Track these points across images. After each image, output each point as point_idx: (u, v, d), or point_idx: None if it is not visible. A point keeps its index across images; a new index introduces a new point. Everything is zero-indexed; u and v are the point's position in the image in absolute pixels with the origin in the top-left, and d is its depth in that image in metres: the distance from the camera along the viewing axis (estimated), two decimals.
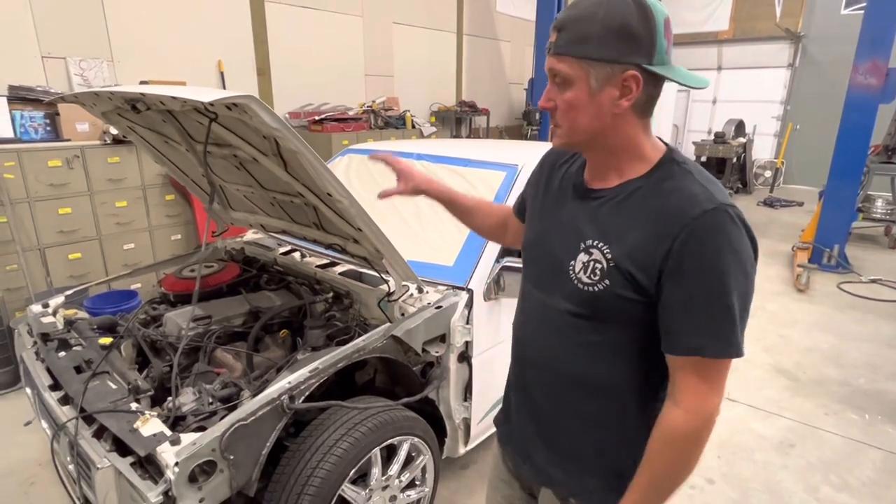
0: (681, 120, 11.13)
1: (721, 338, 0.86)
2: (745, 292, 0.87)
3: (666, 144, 0.98)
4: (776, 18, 9.50)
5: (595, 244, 0.94)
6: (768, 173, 10.01)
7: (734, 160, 8.85)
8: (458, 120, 7.29)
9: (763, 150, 10.37)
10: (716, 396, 0.90)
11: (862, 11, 5.00)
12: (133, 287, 3.44)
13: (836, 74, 8.29)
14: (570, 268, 0.97)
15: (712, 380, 0.89)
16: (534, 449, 1.12)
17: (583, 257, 0.96)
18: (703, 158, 8.81)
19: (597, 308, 0.95)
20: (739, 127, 9.38)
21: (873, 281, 5.15)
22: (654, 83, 0.90)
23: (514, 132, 8.34)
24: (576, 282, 0.96)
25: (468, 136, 7.57)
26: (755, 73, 10.30)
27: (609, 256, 0.92)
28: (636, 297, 0.91)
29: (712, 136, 9.16)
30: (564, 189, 1.06)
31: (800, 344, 3.86)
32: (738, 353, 0.87)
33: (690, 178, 0.91)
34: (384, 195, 1.38)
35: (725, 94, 10.64)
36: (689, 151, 9.15)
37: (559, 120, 0.95)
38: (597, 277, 0.93)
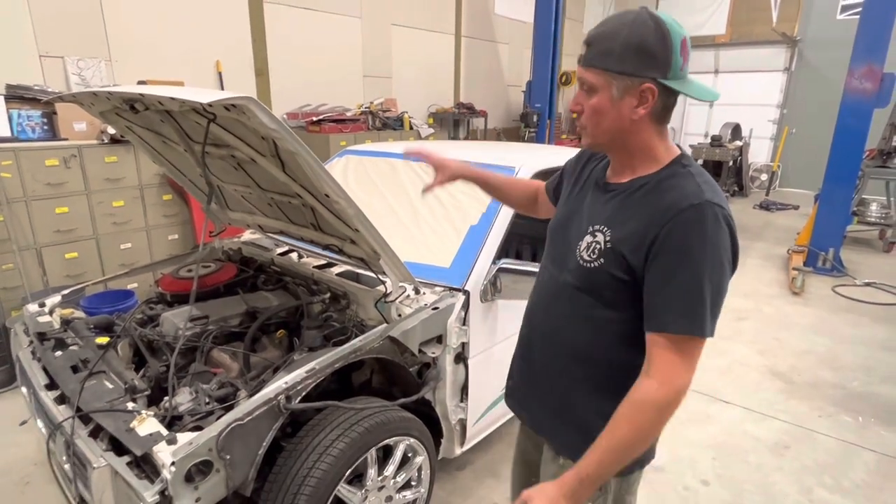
0: (678, 123, 11.18)
1: (688, 316, 0.96)
2: (718, 281, 0.97)
3: (681, 150, 1.11)
4: (772, 23, 9.55)
5: (599, 228, 1.09)
6: (764, 176, 10.06)
7: (730, 163, 8.89)
8: (455, 122, 7.30)
9: (759, 154, 10.42)
10: (686, 373, 0.98)
11: (856, 17, 5.03)
12: (130, 287, 3.44)
13: (832, 79, 8.33)
14: (578, 247, 1.12)
15: (683, 356, 0.98)
16: (530, 401, 1.31)
17: (588, 238, 1.11)
18: (700, 162, 8.81)
19: (592, 283, 1.09)
20: (736, 130, 9.42)
21: (868, 284, 5.18)
22: (669, 95, 1.03)
23: (511, 134, 8.35)
24: (578, 259, 1.11)
25: (466, 138, 7.59)
26: (752, 76, 10.36)
27: (608, 239, 1.06)
28: (625, 276, 1.04)
29: (709, 140, 9.20)
30: (590, 182, 1.22)
31: (795, 347, 3.88)
32: (704, 332, 0.97)
33: (690, 178, 1.03)
34: (427, 190, 1.54)
35: (722, 97, 10.55)
36: None
37: (585, 122, 1.08)
38: (595, 256, 1.08)
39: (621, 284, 1.04)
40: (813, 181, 7.44)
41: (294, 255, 2.54)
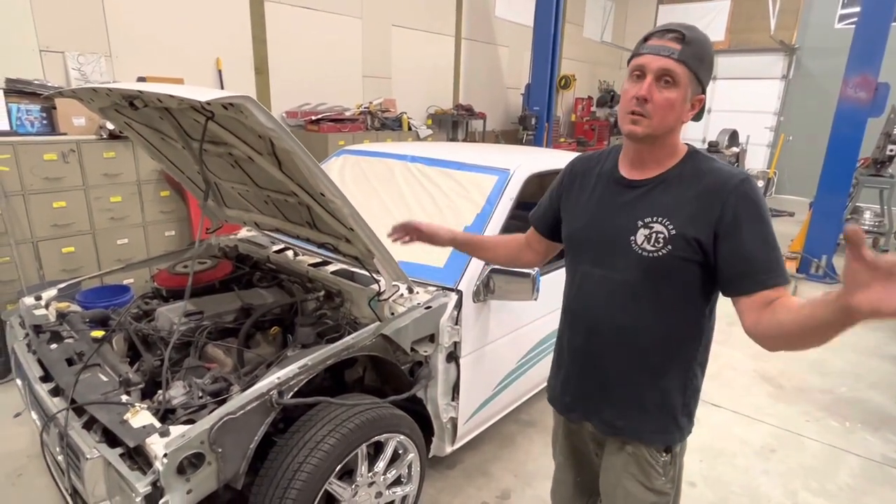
0: None
1: (775, 270, 1.09)
2: (775, 233, 1.13)
3: (686, 144, 1.25)
4: (770, 31, 9.61)
5: (655, 220, 1.16)
6: (760, 183, 10.10)
7: None
8: (454, 123, 7.33)
9: (756, 160, 10.48)
10: None
11: (854, 26, 5.08)
12: (126, 282, 3.45)
13: (829, 87, 8.39)
14: (632, 241, 1.18)
15: None
16: (599, 407, 1.33)
17: (644, 231, 1.17)
18: None
19: (657, 270, 1.16)
20: (733, 137, 9.47)
21: None
22: None
23: (510, 137, 8.38)
24: (640, 252, 1.17)
25: (464, 140, 7.62)
26: (750, 83, 10.42)
27: (671, 227, 1.14)
28: (696, 256, 1.13)
29: (706, 145, 9.25)
30: (605, 183, 1.29)
31: (785, 352, 3.90)
32: (788, 280, 1.11)
33: (715, 162, 1.19)
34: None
35: (720, 103, 10.75)
36: None
37: (651, 112, 1.13)
38: (660, 245, 1.15)
39: (691, 263, 1.14)
40: (808, 188, 7.47)
41: (290, 253, 2.57)
